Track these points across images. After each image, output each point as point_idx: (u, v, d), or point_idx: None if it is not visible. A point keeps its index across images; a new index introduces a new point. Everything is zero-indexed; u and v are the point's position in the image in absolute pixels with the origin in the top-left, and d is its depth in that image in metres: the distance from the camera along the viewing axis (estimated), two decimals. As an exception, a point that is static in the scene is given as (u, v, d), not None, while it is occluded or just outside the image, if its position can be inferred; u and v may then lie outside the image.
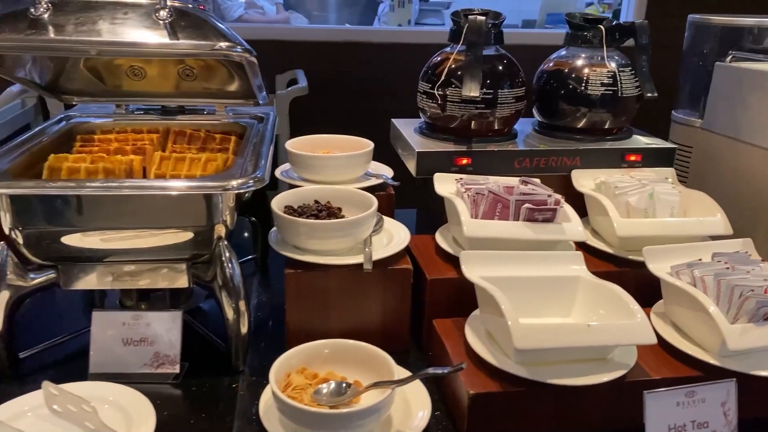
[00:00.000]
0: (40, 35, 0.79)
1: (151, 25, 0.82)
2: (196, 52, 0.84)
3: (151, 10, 0.84)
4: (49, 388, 0.83)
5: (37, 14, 0.80)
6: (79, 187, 0.83)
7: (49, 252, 0.90)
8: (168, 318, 0.94)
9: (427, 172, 1.15)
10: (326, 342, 0.90)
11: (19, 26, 0.80)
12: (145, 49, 0.82)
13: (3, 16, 0.81)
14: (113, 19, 0.82)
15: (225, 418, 0.87)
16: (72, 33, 0.79)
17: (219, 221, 0.91)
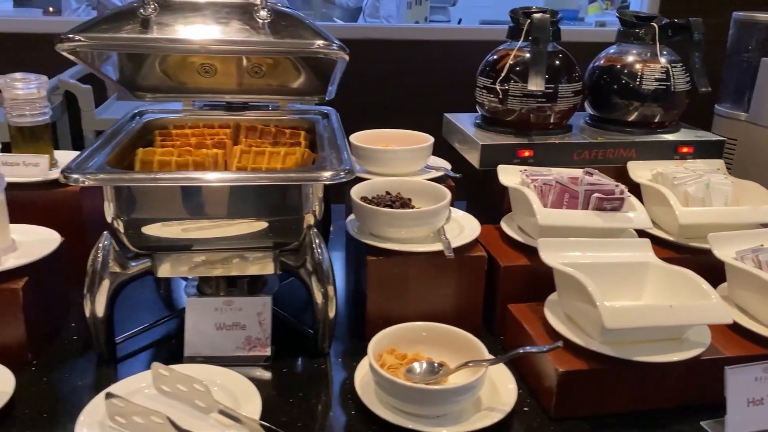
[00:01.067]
0: (154, 34, 0.83)
1: (253, 25, 0.87)
2: (297, 50, 0.88)
3: (251, 10, 0.88)
4: (158, 369, 0.87)
5: (146, 14, 0.84)
6: (188, 178, 0.88)
7: (146, 241, 0.95)
8: (259, 303, 0.99)
9: (490, 164, 1.19)
10: (414, 324, 0.95)
11: (132, 26, 0.84)
12: (252, 47, 0.86)
13: (113, 15, 0.85)
14: (218, 19, 0.86)
15: (320, 397, 0.92)
16: (182, 33, 0.84)
17: (309, 210, 0.96)
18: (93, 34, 0.84)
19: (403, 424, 0.82)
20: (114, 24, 0.85)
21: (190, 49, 0.89)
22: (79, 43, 0.84)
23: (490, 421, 0.84)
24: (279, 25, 0.88)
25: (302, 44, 0.87)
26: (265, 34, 0.86)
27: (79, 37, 0.84)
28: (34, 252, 0.98)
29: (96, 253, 0.94)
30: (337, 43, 0.88)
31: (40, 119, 1.19)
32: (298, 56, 0.95)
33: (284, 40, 0.86)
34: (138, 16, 0.85)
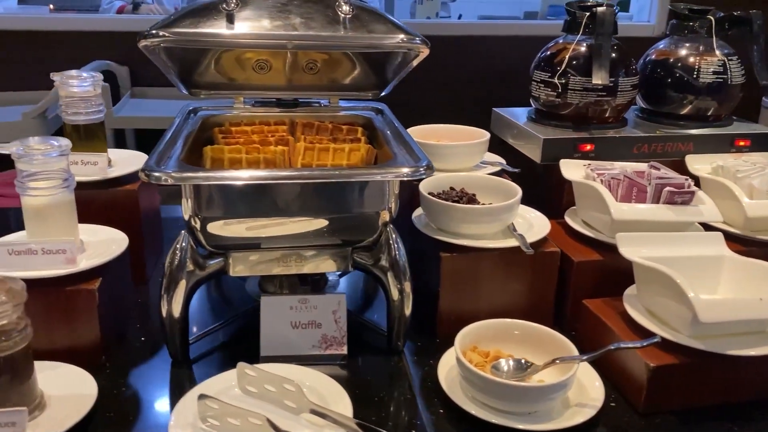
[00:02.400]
0: (240, 30, 0.82)
1: (336, 19, 0.86)
2: (383, 45, 0.87)
3: (332, 4, 0.87)
4: (245, 369, 0.86)
5: (229, 9, 0.83)
6: (272, 177, 0.86)
7: (222, 239, 0.93)
8: (334, 300, 0.98)
9: (551, 159, 1.19)
10: (497, 321, 0.94)
11: (216, 21, 0.83)
12: (338, 42, 0.85)
13: (195, 11, 0.84)
14: (301, 14, 0.85)
15: (405, 395, 0.91)
16: (269, 28, 0.82)
17: (386, 207, 0.95)
18: (179, 30, 0.82)
19: (500, 422, 0.82)
20: (198, 20, 0.83)
21: (278, 44, 0.87)
22: (164, 38, 0.82)
23: (583, 417, 0.83)
24: (361, 20, 0.87)
25: (387, 38, 0.86)
26: (349, 29, 0.85)
27: (164, 33, 0.83)
28: (104, 252, 0.97)
29: (174, 252, 0.92)
30: (420, 38, 0.87)
31: (95, 117, 1.17)
32: (381, 51, 0.93)
33: (370, 34, 0.85)
34: (221, 11, 0.83)
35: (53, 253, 0.91)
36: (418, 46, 0.87)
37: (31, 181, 0.92)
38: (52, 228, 0.94)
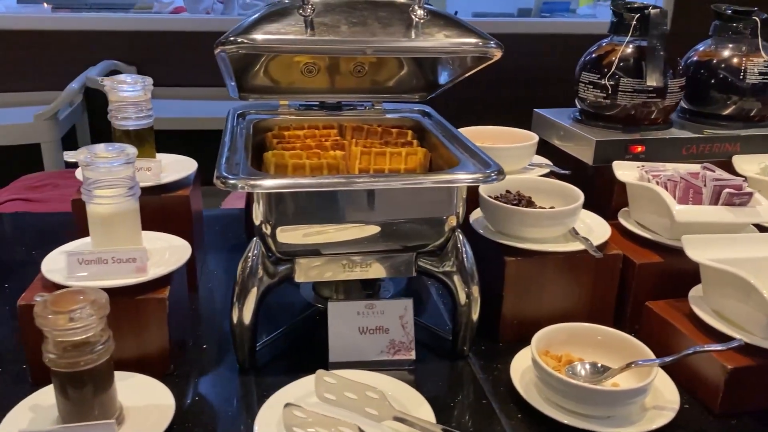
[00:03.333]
0: (322, 36, 0.81)
1: (411, 24, 0.85)
2: (460, 49, 0.86)
3: (406, 9, 0.86)
4: (323, 376, 0.85)
5: (306, 15, 0.82)
6: (351, 183, 0.86)
7: (292, 245, 0.93)
8: (401, 306, 0.98)
9: (603, 161, 1.19)
10: (569, 325, 0.94)
11: (294, 27, 0.82)
12: (416, 47, 0.85)
13: (271, 16, 0.83)
14: (378, 19, 0.84)
15: (481, 400, 0.91)
16: (347, 34, 0.82)
17: (454, 212, 0.94)
18: (260, 36, 0.81)
19: (582, 426, 0.82)
20: (275, 25, 0.82)
21: (357, 50, 0.87)
22: (243, 45, 0.81)
23: (663, 420, 0.84)
24: (436, 24, 0.86)
25: (465, 43, 0.85)
26: (426, 34, 0.84)
27: (242, 39, 0.82)
28: (169, 260, 0.96)
29: (246, 260, 0.91)
30: (494, 41, 0.87)
31: (145, 122, 1.16)
32: (456, 55, 0.93)
33: (448, 39, 0.85)
34: (299, 17, 0.82)
35: (123, 261, 0.90)
36: (492, 50, 0.86)
37: (97, 189, 0.91)
38: (117, 236, 0.93)
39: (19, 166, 2.71)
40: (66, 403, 0.78)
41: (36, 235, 1.42)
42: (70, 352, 0.75)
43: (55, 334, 0.74)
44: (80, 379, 0.76)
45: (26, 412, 0.82)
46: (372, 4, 0.86)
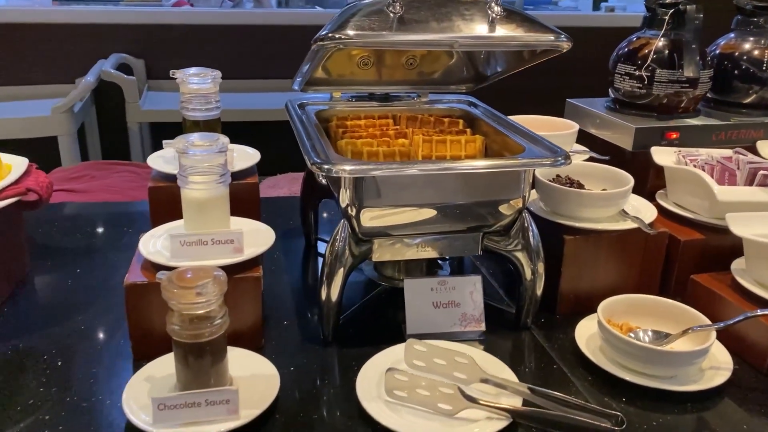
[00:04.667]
0: (413, 31, 0.88)
1: (491, 20, 0.92)
2: (537, 42, 0.94)
3: (484, 7, 0.93)
4: (414, 344, 0.93)
5: (396, 12, 0.89)
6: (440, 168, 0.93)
7: (374, 227, 1.00)
8: (470, 282, 1.05)
9: (641, 146, 1.28)
10: (629, 296, 1.03)
11: (386, 23, 0.89)
12: (499, 41, 0.92)
13: (363, 13, 0.90)
14: (461, 16, 0.91)
15: (552, 366, 0.99)
16: (436, 29, 0.89)
17: (521, 195, 1.02)
18: (357, 32, 0.88)
19: (650, 385, 0.91)
20: (369, 22, 0.89)
21: (446, 44, 0.93)
22: (341, 40, 0.88)
23: (722, 378, 0.93)
24: (511, 20, 0.93)
25: (541, 37, 0.93)
26: (504, 28, 0.92)
27: (340, 35, 0.88)
28: (258, 242, 1.02)
29: (334, 242, 0.98)
30: (565, 35, 0.95)
31: (213, 113, 1.22)
32: (532, 48, 1.00)
33: (526, 33, 0.92)
34: (388, 14, 0.89)
35: (222, 243, 0.96)
36: (563, 43, 0.94)
37: (192, 175, 0.97)
38: (209, 219, 0.99)
39: (36, 159, 2.73)
40: (186, 373, 0.84)
41: (89, 223, 1.47)
42: (194, 324, 0.81)
43: (182, 307, 0.80)
44: (201, 350, 0.83)
45: (142, 383, 0.88)
46: (454, 1, 0.93)
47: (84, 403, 0.88)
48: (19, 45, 2.99)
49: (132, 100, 2.65)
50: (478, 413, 0.84)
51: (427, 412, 0.85)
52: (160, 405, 0.80)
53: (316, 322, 1.09)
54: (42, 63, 3.02)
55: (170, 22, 3.09)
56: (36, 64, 3.01)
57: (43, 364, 0.96)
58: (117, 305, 1.12)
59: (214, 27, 3.13)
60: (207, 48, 3.16)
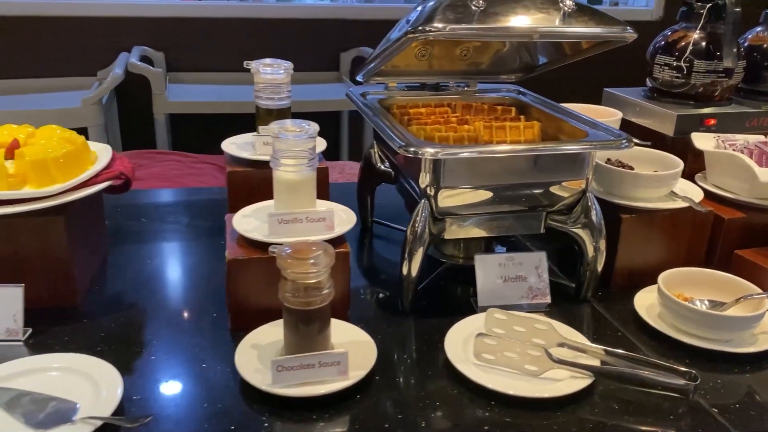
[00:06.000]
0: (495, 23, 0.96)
1: (564, 13, 1.00)
2: (608, 34, 1.02)
3: (557, 1, 1.01)
4: (494, 313, 1.01)
5: (478, 6, 0.97)
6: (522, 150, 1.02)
7: (449, 206, 1.07)
8: (536, 257, 1.14)
9: (682, 133, 1.37)
10: (684, 269, 1.12)
11: (471, 16, 0.96)
12: (573, 33, 1.00)
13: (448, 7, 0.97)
14: (538, 9, 0.99)
15: (617, 333, 1.08)
16: (516, 21, 0.97)
17: (585, 176, 1.10)
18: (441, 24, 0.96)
19: (712, 347, 1.00)
20: (456, 15, 0.97)
21: (526, 35, 1.01)
22: (437, 32, 0.96)
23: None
24: (582, 13, 1.02)
25: (610, 29, 1.01)
26: (578, 21, 1.00)
27: (430, 27, 0.96)
28: (343, 220, 1.09)
29: (415, 222, 1.06)
30: (630, 28, 1.03)
31: (285, 102, 1.29)
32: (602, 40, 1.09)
33: (597, 25, 1.01)
34: (471, 7, 0.97)
35: (315, 221, 1.03)
36: (629, 35, 1.03)
37: (284, 158, 1.04)
38: (298, 200, 1.07)
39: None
40: (295, 338, 0.92)
41: (152, 209, 1.53)
42: (306, 293, 0.89)
43: (297, 276, 0.88)
44: (310, 317, 0.90)
45: (249, 350, 0.96)
46: (529, -4, 1.01)
47: (196, 368, 0.96)
48: (40, 38, 3.03)
49: (159, 91, 2.70)
50: (562, 373, 0.93)
51: (514, 372, 0.94)
52: (278, 367, 0.87)
53: (384, 296, 1.17)
54: (63, 56, 3.06)
55: (190, 15, 3.14)
56: (57, 57, 3.05)
57: (148, 336, 1.03)
58: (198, 283, 1.20)
59: (235, 20, 3.18)
60: (227, 41, 3.21)
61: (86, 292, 1.13)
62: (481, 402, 0.90)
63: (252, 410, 0.87)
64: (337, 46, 3.36)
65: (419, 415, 0.87)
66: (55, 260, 1.06)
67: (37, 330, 1.02)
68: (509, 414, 0.87)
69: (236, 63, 3.18)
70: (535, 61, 1.37)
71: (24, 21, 3.00)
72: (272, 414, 0.86)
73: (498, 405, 0.89)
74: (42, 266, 1.06)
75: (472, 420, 0.86)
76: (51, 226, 1.04)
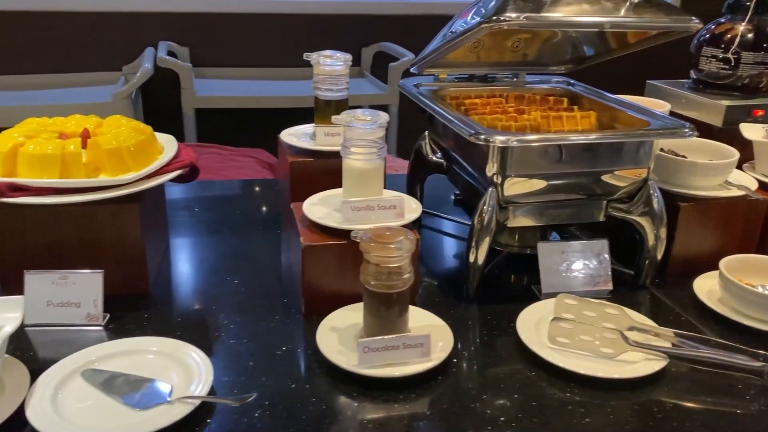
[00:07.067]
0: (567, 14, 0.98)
1: (631, 4, 1.02)
2: (676, 25, 1.05)
3: (624, -8, 1.04)
4: (564, 299, 1.03)
5: (547, 0, 0.99)
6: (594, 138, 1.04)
7: (514, 194, 1.09)
8: (598, 245, 1.16)
9: (730, 123, 1.39)
10: (742, 256, 1.14)
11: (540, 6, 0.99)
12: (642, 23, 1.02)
13: (518, 0, 1.00)
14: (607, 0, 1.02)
15: (679, 316, 1.10)
16: (591, 12, 0.99)
17: (648, 165, 1.13)
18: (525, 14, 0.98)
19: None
20: (527, 5, 0.99)
21: (598, 25, 1.03)
22: (512, 22, 0.98)
23: (837, 325, 1.04)
24: (649, 4, 1.04)
25: (677, 19, 1.04)
26: (646, 12, 1.02)
27: (505, 17, 0.98)
28: (412, 207, 1.11)
29: (482, 211, 1.08)
30: (695, 19, 1.05)
31: (343, 94, 1.31)
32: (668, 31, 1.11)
33: (665, 16, 1.03)
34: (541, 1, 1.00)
35: (386, 208, 1.06)
36: (694, 25, 1.05)
37: (354, 147, 1.06)
38: (367, 187, 1.09)
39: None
40: (376, 321, 0.94)
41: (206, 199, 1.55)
42: (389, 276, 0.91)
43: (381, 260, 0.90)
44: (391, 300, 0.92)
45: (328, 333, 0.98)
46: (598, -12, 1.03)
47: (277, 351, 0.98)
48: (66, 33, 3.05)
49: (188, 86, 2.72)
50: (635, 356, 0.95)
51: (588, 355, 0.96)
52: (365, 348, 0.90)
53: (445, 284, 1.19)
54: (88, 51, 3.08)
55: (215, 10, 3.16)
56: (82, 52, 3.07)
57: (223, 320, 1.05)
58: (263, 270, 1.22)
59: (258, 15, 3.20)
60: (251, 36, 3.23)
61: (154, 279, 1.16)
62: (559, 383, 0.92)
63: (338, 390, 0.89)
64: (359, 41, 3.38)
65: (502, 395, 0.89)
66: (129, 247, 1.08)
67: (114, 315, 1.04)
68: (589, 395, 0.90)
69: (259, 58, 3.21)
70: (585, 53, 1.39)
71: (49, 16, 3.02)
72: (360, 394, 0.88)
73: (576, 386, 0.91)
74: (116, 253, 1.08)
75: (554, 400, 0.89)
76: (127, 214, 1.06)
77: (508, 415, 0.85)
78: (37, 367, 0.88)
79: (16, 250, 1.06)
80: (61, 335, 0.99)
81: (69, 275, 1.01)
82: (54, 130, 1.14)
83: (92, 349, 0.93)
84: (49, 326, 1.00)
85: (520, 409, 0.87)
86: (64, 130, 1.15)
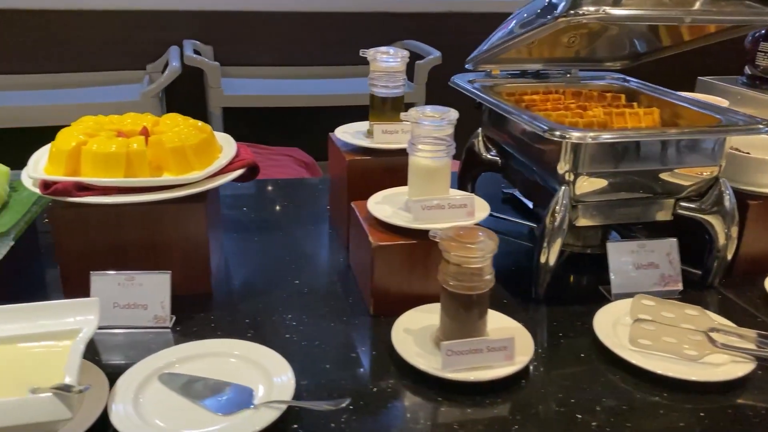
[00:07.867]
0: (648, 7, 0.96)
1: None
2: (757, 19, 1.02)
3: (703, -15, 1.01)
4: (641, 299, 1.01)
5: (625, -8, 0.97)
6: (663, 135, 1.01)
7: (585, 192, 1.07)
8: (667, 244, 1.13)
9: (790, 119, 1.36)
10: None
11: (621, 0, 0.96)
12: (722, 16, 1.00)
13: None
14: (688, -7, 0.99)
15: (754, 318, 1.08)
16: (669, 5, 0.97)
17: (719, 162, 1.10)
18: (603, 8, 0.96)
19: None
20: (603, 0, 0.97)
21: (679, 18, 1.01)
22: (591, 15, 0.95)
23: None
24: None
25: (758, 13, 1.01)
26: (727, 6, 1.00)
27: (583, 11, 0.96)
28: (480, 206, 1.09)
29: (555, 211, 1.05)
30: (775, 12, 1.03)
31: (398, 91, 1.28)
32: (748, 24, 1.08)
33: (746, 10, 1.00)
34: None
35: (457, 207, 1.03)
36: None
37: (422, 144, 1.04)
38: (434, 185, 1.06)
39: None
40: (454, 324, 0.91)
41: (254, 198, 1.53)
42: (469, 277, 0.88)
43: (463, 260, 0.87)
44: (472, 302, 0.90)
45: (403, 335, 0.95)
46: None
47: (351, 352, 0.96)
48: (90, 31, 3.03)
49: (215, 84, 2.69)
50: (720, 358, 0.93)
51: (672, 357, 0.93)
52: (448, 351, 0.87)
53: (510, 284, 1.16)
54: (112, 49, 3.06)
55: (239, 8, 3.13)
56: (106, 51, 3.05)
57: (292, 321, 1.03)
58: (323, 270, 1.20)
59: (281, 13, 3.18)
60: (275, 34, 3.20)
61: (215, 280, 1.13)
62: (646, 386, 0.89)
63: (421, 394, 0.87)
64: (383, 39, 3.35)
65: (590, 398, 0.87)
66: (194, 247, 1.06)
67: (180, 317, 1.02)
68: (679, 398, 0.87)
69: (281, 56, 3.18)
70: (639, 49, 1.36)
71: (73, 15, 2.99)
72: (444, 398, 0.86)
73: (665, 389, 0.89)
74: (180, 253, 1.06)
75: (644, 404, 0.86)
76: (192, 213, 1.04)
77: (600, 420, 0.83)
78: (109, 370, 0.86)
79: (78, 250, 1.04)
80: (129, 337, 0.97)
81: (135, 276, 0.99)
82: (112, 129, 1.12)
83: (166, 351, 0.91)
84: (116, 328, 0.98)
85: (611, 413, 0.84)
86: (121, 129, 1.12)
